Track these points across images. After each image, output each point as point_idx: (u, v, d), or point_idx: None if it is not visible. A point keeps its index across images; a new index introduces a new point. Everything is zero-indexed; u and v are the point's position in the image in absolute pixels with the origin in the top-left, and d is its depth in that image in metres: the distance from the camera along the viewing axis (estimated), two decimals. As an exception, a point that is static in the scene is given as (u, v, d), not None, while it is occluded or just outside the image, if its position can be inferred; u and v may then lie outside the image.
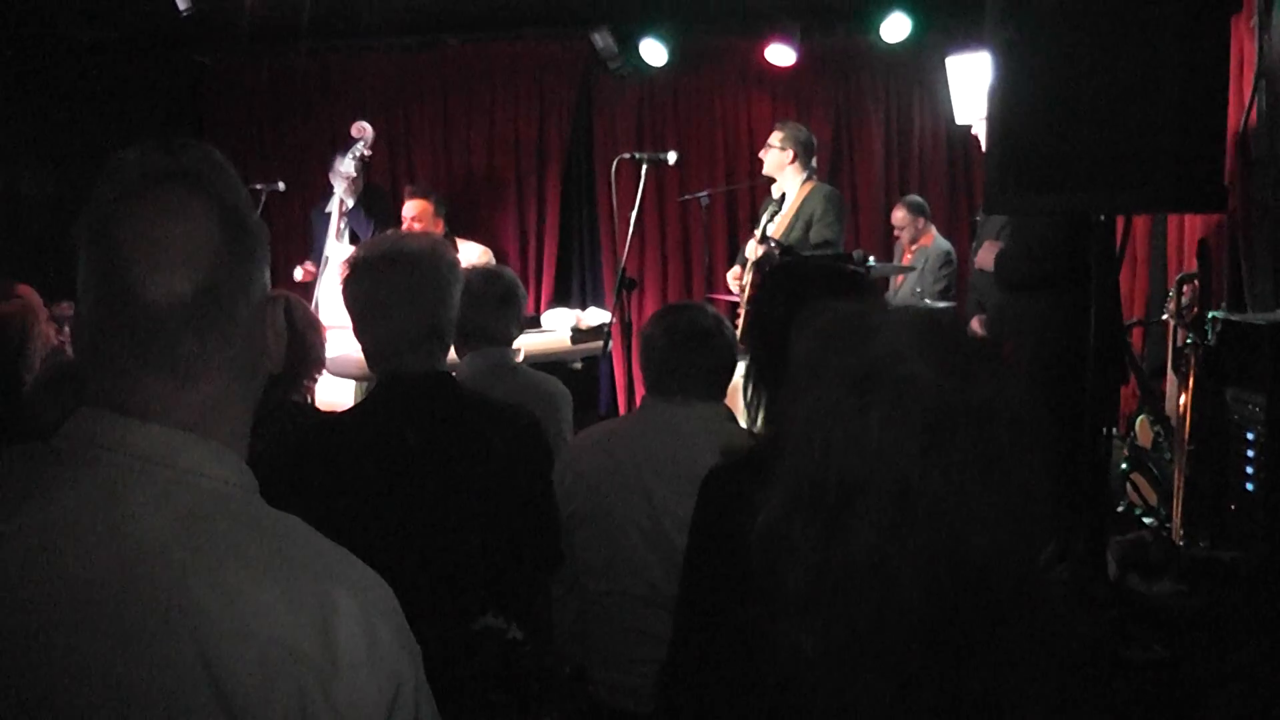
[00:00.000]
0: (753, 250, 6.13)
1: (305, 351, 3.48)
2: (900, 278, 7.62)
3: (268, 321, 1.30)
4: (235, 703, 1.10)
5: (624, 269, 5.51)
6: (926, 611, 1.21)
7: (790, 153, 6.33)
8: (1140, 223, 6.86)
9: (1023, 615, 1.24)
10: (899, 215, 7.71)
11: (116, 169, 1.24)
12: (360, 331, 2.60)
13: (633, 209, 5.62)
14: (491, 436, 2.58)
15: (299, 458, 2.54)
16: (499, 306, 3.85)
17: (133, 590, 1.12)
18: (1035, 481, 1.26)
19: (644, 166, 5.70)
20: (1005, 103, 3.30)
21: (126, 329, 1.20)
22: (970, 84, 6.52)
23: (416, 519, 2.42)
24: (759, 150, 6.63)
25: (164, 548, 1.14)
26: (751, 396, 2.28)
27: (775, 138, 6.41)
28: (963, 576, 1.21)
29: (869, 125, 8.32)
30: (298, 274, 7.24)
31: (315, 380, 3.76)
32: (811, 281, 2.31)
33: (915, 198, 7.80)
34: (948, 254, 7.44)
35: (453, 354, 3.71)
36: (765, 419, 2.20)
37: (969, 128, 6.05)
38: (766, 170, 6.47)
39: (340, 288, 2.62)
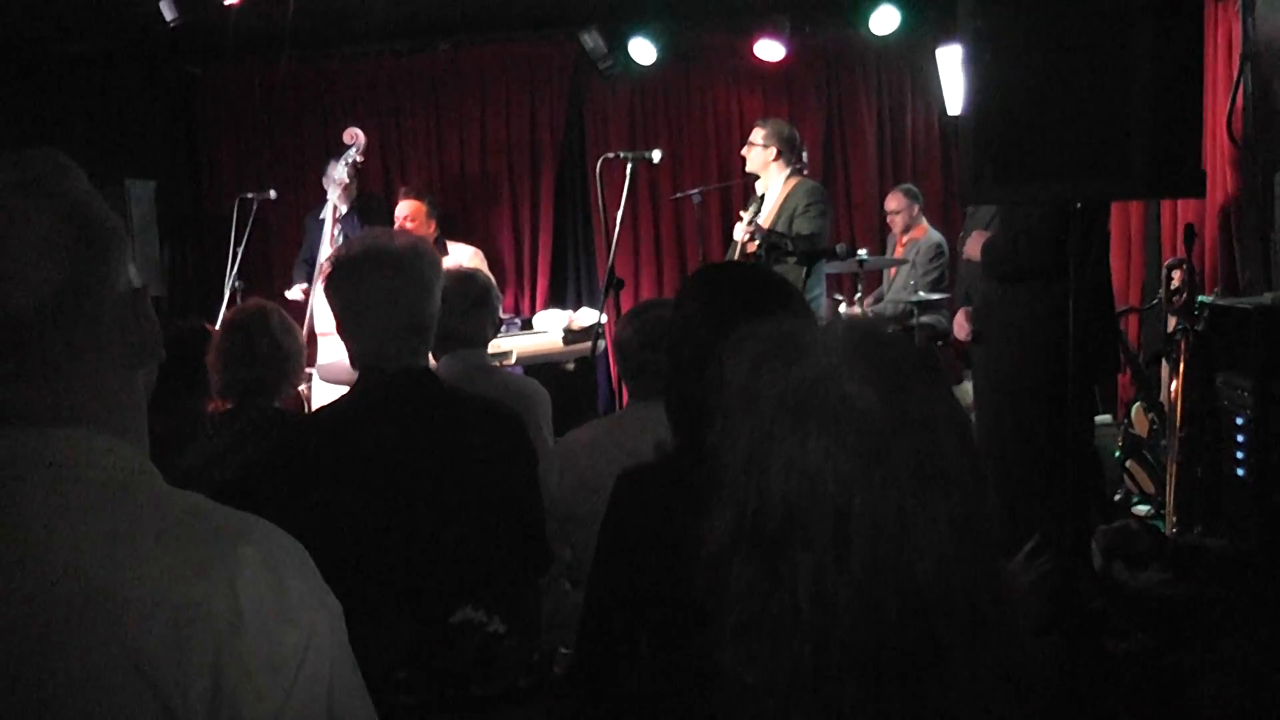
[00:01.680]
0: (740, 232, 6.08)
1: (283, 358, 3.47)
2: (893, 270, 7.59)
3: (139, 313, 1.31)
4: (154, 671, 1.11)
5: (612, 268, 5.47)
6: (871, 642, 1.19)
7: (773, 150, 6.25)
8: (1135, 209, 6.84)
9: (974, 641, 1.21)
10: (895, 201, 7.66)
11: None
12: (344, 330, 2.60)
13: (619, 208, 5.59)
14: (471, 430, 2.58)
15: (281, 457, 2.56)
16: (473, 309, 3.85)
17: (40, 591, 1.13)
18: (980, 494, 1.24)
19: (629, 165, 5.67)
20: (979, 93, 3.30)
21: None
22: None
23: (395, 511, 2.42)
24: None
25: (59, 542, 1.15)
26: (673, 408, 2.21)
27: (757, 135, 6.32)
28: (907, 603, 1.18)
29: (861, 119, 8.28)
30: (296, 294, 7.21)
31: (296, 387, 3.76)
32: (732, 292, 2.21)
33: (910, 186, 7.78)
34: (939, 246, 7.40)
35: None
36: (686, 434, 2.14)
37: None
38: (750, 168, 6.40)
39: (322, 287, 2.63)
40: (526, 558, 2.68)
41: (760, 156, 6.31)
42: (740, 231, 6.08)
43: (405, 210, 6.96)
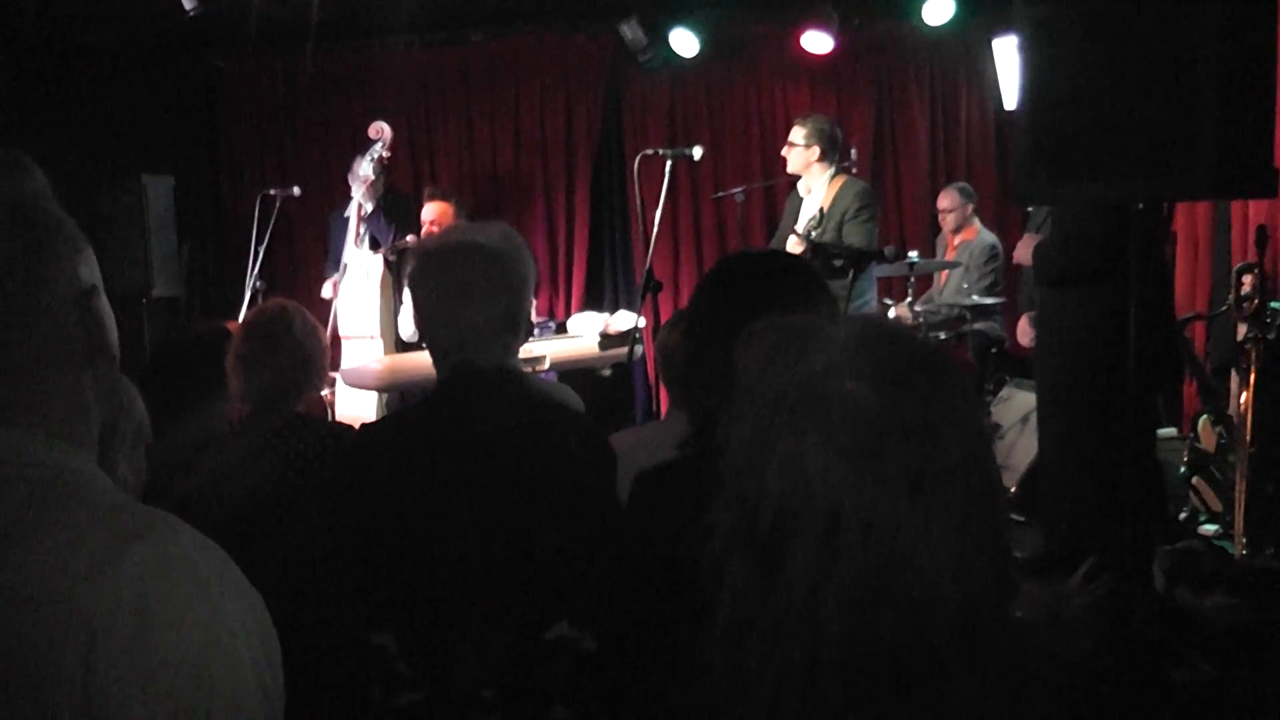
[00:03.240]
0: (793, 246, 5.89)
1: (304, 360, 3.37)
2: (944, 274, 7.36)
3: (87, 313, 1.31)
4: (30, 666, 1.10)
5: (650, 269, 5.29)
6: (863, 649, 1.17)
7: (816, 149, 6.05)
8: (1202, 209, 6.69)
9: (973, 657, 1.17)
10: (949, 199, 7.48)
11: None
12: (433, 326, 2.52)
13: (657, 207, 5.41)
14: (564, 436, 2.48)
15: (368, 459, 2.50)
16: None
17: None
18: (987, 505, 1.21)
19: (669, 163, 5.48)
20: (1036, 86, 3.14)
21: None
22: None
23: (488, 517, 2.33)
24: (794, 146, 6.40)
25: None
26: (690, 404, 2.20)
27: (797, 134, 6.11)
28: (900, 612, 1.16)
29: (912, 114, 8.09)
30: (326, 290, 7.07)
31: (319, 390, 3.66)
32: (751, 283, 2.19)
33: (964, 184, 7.60)
34: (993, 248, 7.18)
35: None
36: (700, 430, 2.10)
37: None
38: (791, 169, 6.20)
39: (409, 282, 2.56)
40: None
41: (801, 157, 6.11)
42: (793, 244, 5.89)
43: (432, 213, 6.81)
